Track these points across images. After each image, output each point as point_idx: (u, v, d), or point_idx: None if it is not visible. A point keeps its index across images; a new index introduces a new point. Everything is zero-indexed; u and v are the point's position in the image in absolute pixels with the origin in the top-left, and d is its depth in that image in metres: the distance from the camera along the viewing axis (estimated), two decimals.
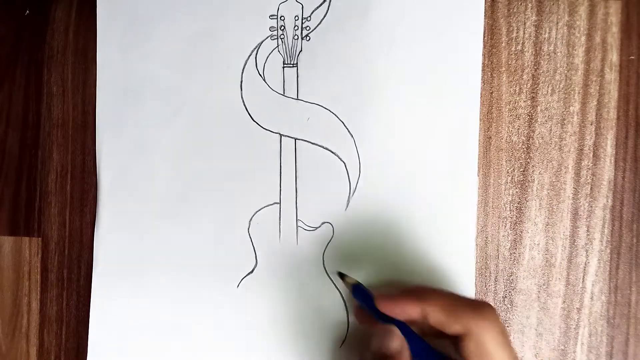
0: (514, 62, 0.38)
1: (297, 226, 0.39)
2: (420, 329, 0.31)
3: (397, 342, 0.29)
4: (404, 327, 0.30)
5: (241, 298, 0.39)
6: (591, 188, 0.38)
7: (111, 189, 0.40)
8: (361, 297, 0.33)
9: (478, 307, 0.29)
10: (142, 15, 0.40)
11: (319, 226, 0.38)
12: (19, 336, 0.41)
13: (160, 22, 0.40)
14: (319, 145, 0.39)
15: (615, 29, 0.37)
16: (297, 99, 0.39)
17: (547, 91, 0.38)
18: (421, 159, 0.38)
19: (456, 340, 0.29)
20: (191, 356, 0.39)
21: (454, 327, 0.28)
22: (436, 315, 0.29)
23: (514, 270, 0.38)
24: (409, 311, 0.30)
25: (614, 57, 0.38)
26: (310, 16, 0.39)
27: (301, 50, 0.39)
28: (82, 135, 0.41)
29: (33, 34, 0.41)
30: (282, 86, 0.39)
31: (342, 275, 0.36)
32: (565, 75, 0.38)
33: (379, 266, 0.37)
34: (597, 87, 0.38)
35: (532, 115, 0.38)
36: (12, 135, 0.41)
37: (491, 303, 0.38)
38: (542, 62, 0.38)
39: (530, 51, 0.38)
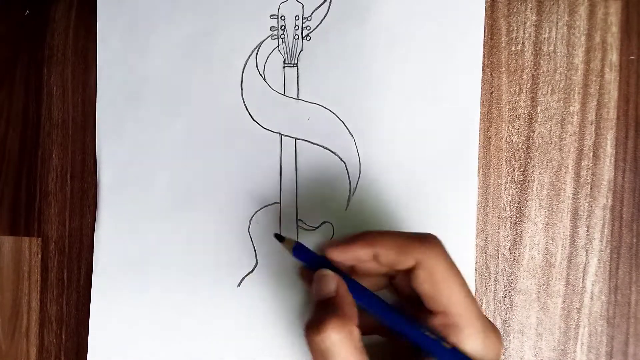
0: (513, 62, 0.38)
1: (297, 226, 0.39)
2: (366, 272, 0.31)
3: (332, 283, 0.29)
4: (344, 276, 0.30)
5: (242, 298, 0.39)
6: (591, 188, 0.38)
7: (111, 189, 0.40)
8: (303, 257, 0.32)
9: (425, 240, 0.29)
10: (142, 15, 0.40)
11: (319, 226, 0.38)
12: (19, 336, 0.41)
13: (160, 22, 0.40)
14: (319, 145, 0.39)
15: (615, 29, 0.38)
16: (298, 99, 0.39)
17: (547, 91, 0.38)
18: (421, 159, 0.38)
19: (407, 275, 0.29)
20: (191, 356, 0.39)
21: (405, 262, 0.29)
22: (387, 255, 0.29)
23: (514, 270, 0.38)
24: (360, 254, 0.30)
25: (613, 57, 0.38)
26: (310, 16, 0.39)
27: (302, 50, 0.39)
28: (82, 135, 0.41)
29: (33, 34, 0.41)
30: (283, 86, 0.39)
31: (280, 238, 0.34)
32: (565, 75, 0.38)
33: None
34: (597, 87, 0.38)
35: (532, 115, 0.38)
36: (12, 135, 0.41)
37: (491, 303, 0.38)
38: (542, 62, 0.38)
39: (530, 51, 0.38)
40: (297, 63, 0.39)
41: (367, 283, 0.31)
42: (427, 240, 0.29)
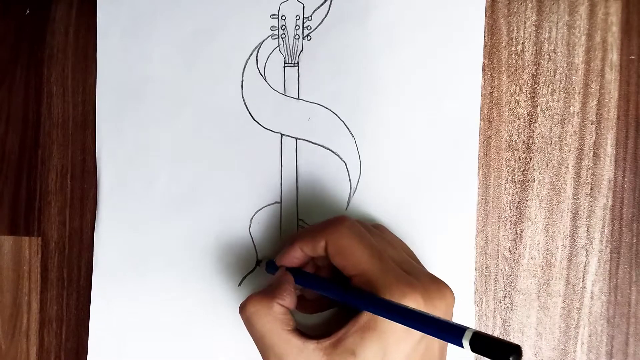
0: (514, 61, 0.38)
1: (298, 225, 0.39)
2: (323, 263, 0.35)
3: (278, 275, 0.34)
4: (297, 270, 0.34)
5: (242, 297, 0.38)
6: (591, 188, 0.38)
7: (111, 189, 0.40)
8: (272, 270, 0.36)
9: (330, 221, 0.32)
10: (143, 14, 0.40)
11: None
12: (18, 336, 0.41)
13: (160, 22, 0.40)
14: (320, 145, 0.39)
15: (615, 29, 0.38)
16: (298, 99, 0.39)
17: (547, 91, 0.38)
18: (421, 158, 0.38)
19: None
20: (192, 356, 0.39)
21: (319, 245, 0.32)
22: (306, 245, 0.32)
23: (514, 270, 0.38)
24: (295, 254, 0.33)
25: (614, 56, 0.38)
26: (311, 16, 0.39)
27: (302, 50, 0.39)
28: (82, 134, 0.41)
29: (33, 34, 0.41)
30: (283, 86, 0.39)
31: (258, 263, 0.39)
32: (566, 75, 0.38)
33: None
34: (598, 87, 0.38)
35: (532, 115, 0.38)
36: (12, 134, 0.41)
37: (491, 302, 0.38)
38: (542, 61, 0.38)
39: (530, 51, 0.38)
40: (298, 63, 0.39)
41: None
42: (332, 221, 0.32)
